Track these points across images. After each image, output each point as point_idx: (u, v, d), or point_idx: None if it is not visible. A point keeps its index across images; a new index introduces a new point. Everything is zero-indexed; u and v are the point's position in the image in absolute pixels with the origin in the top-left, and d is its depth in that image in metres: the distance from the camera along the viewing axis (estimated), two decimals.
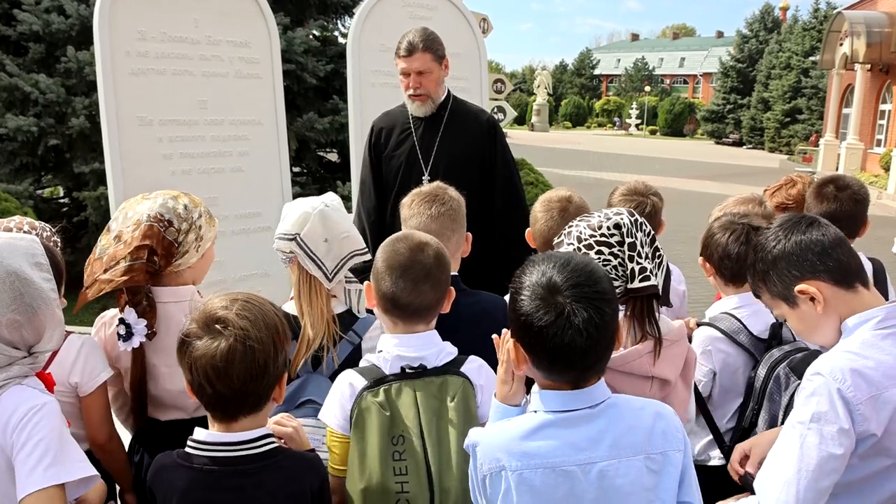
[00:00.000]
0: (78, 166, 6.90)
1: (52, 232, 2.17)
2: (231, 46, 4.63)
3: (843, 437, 1.55)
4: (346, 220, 2.20)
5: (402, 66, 3.34)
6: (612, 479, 1.41)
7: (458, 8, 5.64)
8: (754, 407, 2.22)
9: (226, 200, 4.64)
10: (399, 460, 1.70)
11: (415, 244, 1.85)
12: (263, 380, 1.53)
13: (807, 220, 1.76)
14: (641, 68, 73.37)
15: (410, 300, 1.80)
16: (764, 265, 1.77)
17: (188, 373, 1.53)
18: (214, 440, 1.55)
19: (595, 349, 1.40)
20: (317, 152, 8.80)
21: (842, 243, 1.72)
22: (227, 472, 1.54)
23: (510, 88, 12.59)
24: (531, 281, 1.43)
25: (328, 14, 9.12)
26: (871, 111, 24.02)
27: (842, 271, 1.69)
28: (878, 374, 1.58)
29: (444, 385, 1.78)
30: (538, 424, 1.43)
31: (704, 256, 2.46)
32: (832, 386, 1.56)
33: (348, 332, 2.17)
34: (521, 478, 1.40)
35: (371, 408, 1.73)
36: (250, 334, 1.50)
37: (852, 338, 1.67)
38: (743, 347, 2.31)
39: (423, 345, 1.82)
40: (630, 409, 1.47)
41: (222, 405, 1.54)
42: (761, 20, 45.21)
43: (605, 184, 18.18)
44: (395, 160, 3.48)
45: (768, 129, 37.43)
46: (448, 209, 2.34)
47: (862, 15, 23.04)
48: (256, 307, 1.56)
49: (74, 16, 6.89)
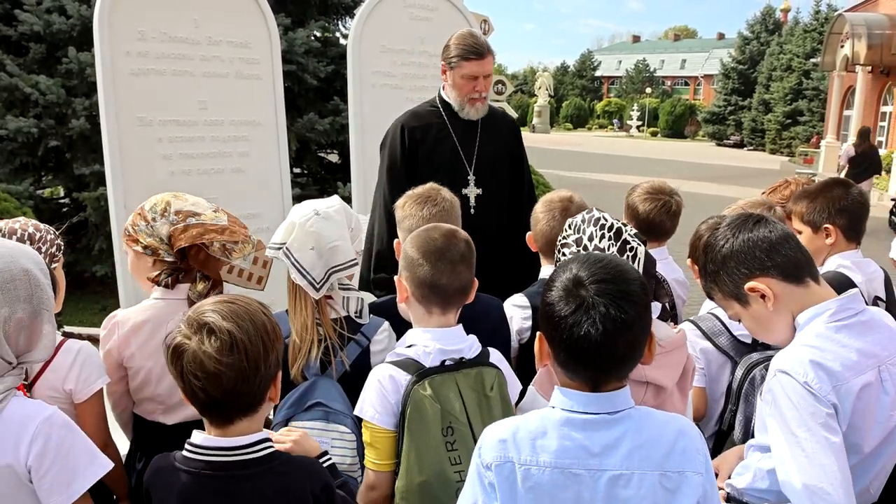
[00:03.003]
0: (78, 167, 6.89)
1: (56, 234, 2.16)
2: (231, 47, 4.62)
3: (832, 421, 1.56)
4: (338, 228, 2.16)
5: (473, 69, 3.22)
6: (622, 489, 1.37)
7: (459, 9, 5.63)
8: (731, 409, 2.22)
9: (226, 201, 4.59)
10: (452, 450, 1.78)
11: (446, 230, 1.99)
12: (255, 380, 1.51)
13: (754, 219, 1.77)
14: (642, 70, 73.40)
15: (450, 282, 1.91)
16: (714, 265, 1.77)
17: (179, 380, 1.52)
18: (210, 444, 1.54)
19: (610, 346, 1.36)
20: (317, 153, 8.79)
21: (789, 239, 1.73)
22: (224, 477, 1.52)
23: (511, 90, 12.59)
24: (564, 276, 1.44)
25: (329, 15, 9.11)
26: (872, 113, 24.00)
27: (791, 266, 1.69)
28: (837, 366, 1.59)
29: (480, 376, 1.88)
30: (554, 422, 1.41)
31: (693, 258, 2.46)
32: (799, 382, 1.58)
33: (357, 335, 2.17)
34: (529, 474, 1.38)
35: (423, 401, 1.78)
36: (237, 336, 1.48)
37: (806, 331, 1.67)
38: (721, 350, 2.31)
39: (458, 338, 1.94)
40: (652, 422, 1.43)
41: (216, 409, 1.53)
42: (762, 22, 45.23)
43: (606, 185, 18.17)
44: (436, 160, 3.36)
45: (769, 130, 37.43)
46: (441, 209, 2.39)
47: (863, 17, 23.03)
48: (242, 308, 1.54)
49: (76, 16, 6.88)
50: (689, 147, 41.30)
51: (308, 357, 2.08)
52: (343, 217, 2.20)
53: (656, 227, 2.80)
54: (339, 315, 2.17)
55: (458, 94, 3.32)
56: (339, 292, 2.17)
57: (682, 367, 1.94)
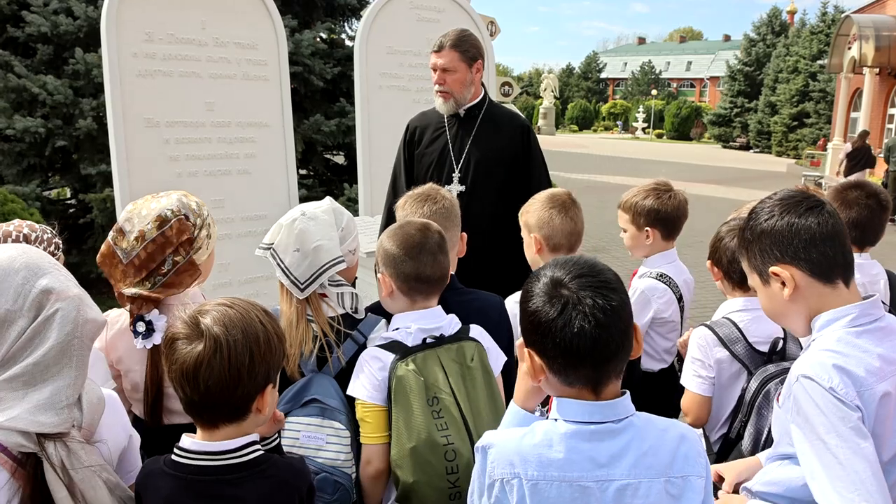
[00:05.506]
0: (85, 168, 6.91)
1: (53, 234, 2.15)
2: (238, 48, 4.63)
3: (862, 426, 1.51)
4: (322, 228, 2.17)
5: (431, 61, 3.44)
6: (631, 499, 1.36)
7: (466, 11, 5.63)
8: (742, 419, 2.18)
9: (232, 202, 4.64)
10: (438, 418, 1.92)
11: (420, 224, 2.13)
12: (237, 390, 1.48)
13: (808, 203, 1.66)
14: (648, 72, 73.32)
15: (433, 272, 2.06)
16: (750, 234, 1.72)
17: (168, 374, 1.52)
18: (198, 449, 1.53)
19: (605, 336, 1.34)
20: (323, 155, 8.80)
21: (836, 236, 1.64)
22: (211, 481, 1.51)
23: (517, 91, 12.58)
24: (539, 283, 1.41)
25: (335, 16, 9.12)
26: (880, 115, 23.90)
27: (824, 265, 1.63)
28: (861, 371, 1.55)
29: (461, 349, 2.03)
30: (560, 435, 1.38)
31: (712, 260, 2.44)
32: (824, 387, 1.53)
33: (353, 332, 2.18)
34: (537, 488, 1.35)
35: (407, 375, 1.93)
36: (222, 342, 1.46)
37: (826, 335, 1.62)
38: (737, 358, 2.29)
39: (437, 317, 2.08)
40: (654, 429, 1.41)
41: (198, 411, 1.52)
42: (769, 24, 45.11)
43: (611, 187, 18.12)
44: (428, 157, 3.56)
45: (775, 132, 37.30)
46: (440, 208, 2.44)
47: (870, 18, 22.95)
48: (239, 314, 1.51)
49: (83, 17, 6.90)
50: (694, 149, 41.20)
51: (303, 354, 2.10)
52: (330, 217, 2.22)
53: (671, 222, 2.81)
54: (336, 313, 2.18)
55: None
56: (331, 290, 2.18)
57: None
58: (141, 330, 1.98)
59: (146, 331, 1.98)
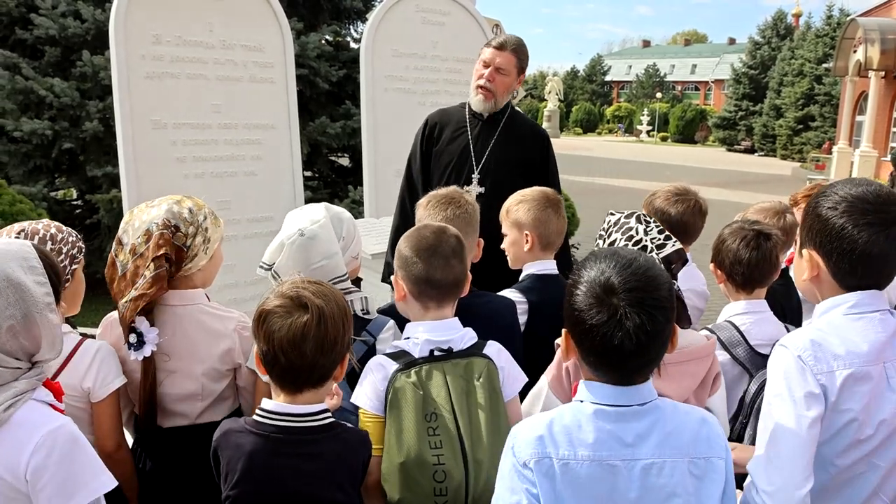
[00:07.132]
0: (91, 169, 6.96)
1: (78, 237, 2.15)
2: (245, 51, 4.66)
3: (813, 401, 1.55)
4: (323, 246, 2.16)
5: (487, 56, 3.41)
6: (656, 478, 1.39)
7: (472, 14, 5.65)
8: (742, 421, 2.20)
9: (238, 204, 4.66)
10: (433, 435, 1.84)
11: (437, 228, 2.09)
12: (332, 355, 1.69)
13: (871, 218, 1.59)
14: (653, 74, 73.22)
15: (444, 276, 1.99)
16: (810, 209, 1.71)
17: (264, 344, 1.67)
18: (282, 410, 1.70)
19: (642, 354, 1.38)
20: (329, 157, 8.83)
21: (874, 260, 1.61)
22: (292, 440, 1.69)
23: (522, 94, 12.59)
24: (590, 276, 1.41)
25: (341, 19, 9.16)
26: (886, 118, 23.85)
27: (853, 280, 1.65)
28: (840, 350, 1.59)
29: (470, 366, 1.93)
30: (587, 416, 1.42)
31: (716, 263, 2.45)
32: (793, 354, 1.59)
33: (362, 333, 2.19)
34: (567, 468, 1.38)
35: (405, 387, 1.87)
36: (325, 312, 1.66)
37: (822, 319, 1.67)
38: (738, 361, 2.29)
39: (450, 329, 1.99)
40: (676, 412, 1.45)
41: (292, 376, 1.69)
42: (774, 27, 45.03)
43: (616, 190, 18.13)
44: (447, 156, 3.53)
45: (780, 136, 37.24)
46: (463, 212, 2.42)
47: (876, 22, 22.92)
48: (328, 289, 1.74)
49: (90, 20, 6.95)
50: (699, 152, 41.15)
51: None
52: (329, 231, 2.20)
53: (688, 229, 2.81)
54: None
55: (474, 81, 3.46)
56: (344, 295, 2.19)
57: (702, 379, 1.93)
58: (133, 342, 2.00)
59: (137, 342, 2.00)
